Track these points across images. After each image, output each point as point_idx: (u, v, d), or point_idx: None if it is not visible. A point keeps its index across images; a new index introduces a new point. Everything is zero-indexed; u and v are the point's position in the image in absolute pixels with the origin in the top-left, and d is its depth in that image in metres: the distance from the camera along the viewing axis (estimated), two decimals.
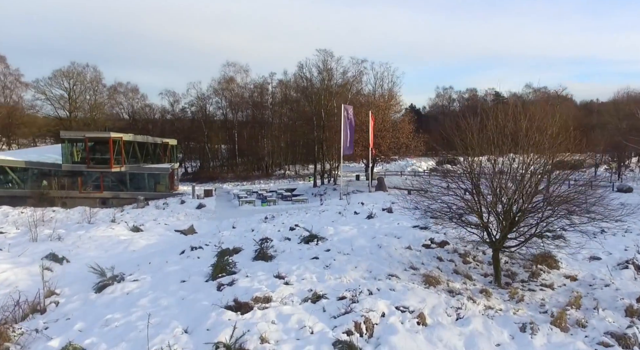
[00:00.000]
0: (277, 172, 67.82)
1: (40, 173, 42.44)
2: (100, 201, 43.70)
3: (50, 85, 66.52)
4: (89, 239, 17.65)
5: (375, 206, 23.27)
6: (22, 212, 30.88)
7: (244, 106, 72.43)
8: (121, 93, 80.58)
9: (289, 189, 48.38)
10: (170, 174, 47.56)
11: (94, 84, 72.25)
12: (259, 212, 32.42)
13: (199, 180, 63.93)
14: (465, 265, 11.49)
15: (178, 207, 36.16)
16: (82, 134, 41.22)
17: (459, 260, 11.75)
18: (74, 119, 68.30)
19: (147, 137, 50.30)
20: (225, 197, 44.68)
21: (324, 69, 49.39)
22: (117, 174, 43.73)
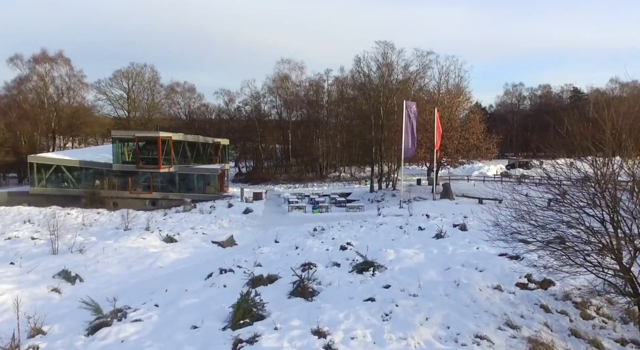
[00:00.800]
0: (331, 174, 65.41)
1: (94, 173, 42.76)
2: (149, 202, 43.36)
3: (111, 86, 68.45)
4: (114, 252, 15.91)
5: (443, 220, 19.97)
6: (69, 213, 30.59)
7: (298, 105, 70.72)
8: (178, 93, 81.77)
9: (344, 193, 45.69)
10: (220, 175, 46.47)
11: (152, 84, 73.63)
12: (308, 220, 29.98)
13: (252, 181, 62.94)
14: (587, 322, 8.18)
15: (224, 212, 34.63)
16: (132, 133, 40.98)
17: (575, 313, 8.46)
18: (132, 119, 69.80)
19: (197, 136, 49.63)
20: (275, 200, 42.79)
21: (384, 63, 46.16)
22: (166, 175, 43.16)
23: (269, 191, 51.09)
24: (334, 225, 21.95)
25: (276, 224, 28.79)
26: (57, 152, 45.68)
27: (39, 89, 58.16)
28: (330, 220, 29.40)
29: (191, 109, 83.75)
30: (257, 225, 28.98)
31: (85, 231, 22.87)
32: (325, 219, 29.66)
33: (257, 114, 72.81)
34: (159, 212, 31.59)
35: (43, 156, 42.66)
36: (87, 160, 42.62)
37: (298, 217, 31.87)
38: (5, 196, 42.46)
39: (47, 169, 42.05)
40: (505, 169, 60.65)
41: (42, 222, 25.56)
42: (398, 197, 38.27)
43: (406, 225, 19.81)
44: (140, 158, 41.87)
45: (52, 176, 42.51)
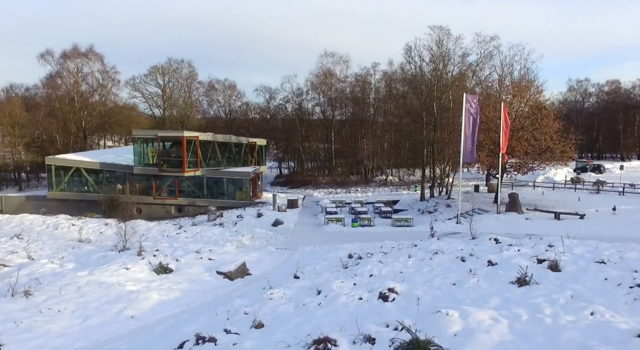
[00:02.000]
0: (377, 178, 60.58)
1: (116, 176, 40.48)
2: (175, 209, 40.59)
3: (146, 83, 67.05)
4: (75, 292, 12.31)
5: (521, 251, 14.99)
6: (73, 225, 27.80)
7: (343, 102, 66.40)
8: (218, 90, 79.72)
9: (390, 201, 40.94)
10: (253, 179, 43.02)
11: (189, 80, 71.80)
12: (346, 237, 25.63)
13: (291, 184, 59.32)
14: None
15: (251, 223, 30.93)
16: (154, 132, 38.23)
17: None
18: (167, 117, 68.18)
19: (229, 136, 46.45)
20: (312, 209, 38.70)
21: (438, 52, 40.84)
22: (193, 179, 40.18)
23: (308, 197, 47.18)
24: (374, 252, 17.47)
25: (307, 241, 24.69)
26: (78, 153, 43.86)
27: (69, 86, 57.27)
28: (371, 238, 24.91)
29: (232, 107, 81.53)
30: (285, 242, 24.97)
31: (75, 250, 19.69)
32: (366, 237, 25.20)
33: (298, 112, 69.23)
34: (173, 225, 28.27)
35: (61, 158, 40.77)
36: (108, 162, 40.33)
37: (334, 233, 27.57)
38: (23, 200, 40.96)
39: (65, 172, 40.15)
40: (574, 173, 53.60)
41: (33, 237, 22.76)
42: (454, 209, 33.14)
43: (470, 257, 15.01)
44: (163, 160, 39.05)
45: (71, 179, 40.59)
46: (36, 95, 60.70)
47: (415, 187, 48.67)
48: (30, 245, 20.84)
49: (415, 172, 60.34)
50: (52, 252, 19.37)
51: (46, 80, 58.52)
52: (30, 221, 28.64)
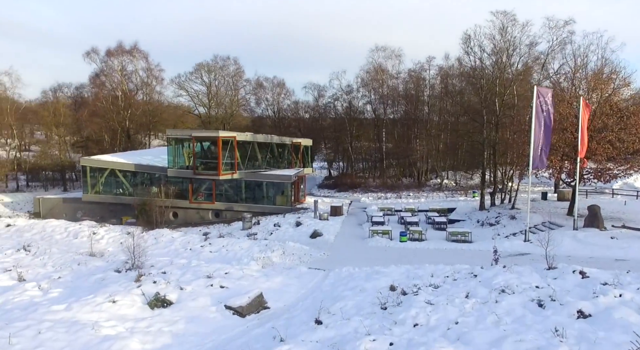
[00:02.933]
0: (431, 181, 56.28)
1: (151, 178, 39.16)
2: (213, 213, 38.74)
3: (191, 81, 66.35)
4: (33, 338, 9.97)
5: (623, 295, 11.02)
6: (95, 233, 26.16)
7: (395, 99, 62.53)
8: (266, 88, 78.17)
9: (445, 209, 36.93)
10: (295, 183, 40.41)
11: (235, 78, 70.49)
12: (392, 254, 22.30)
13: (340, 186, 56.32)
14: None
15: (287, 234, 28.28)
16: (188, 132, 36.39)
17: None
18: (213, 116, 67.20)
19: (271, 136, 44.09)
20: (357, 217, 35.46)
21: (502, 41, 36.21)
22: (230, 182, 38.12)
23: (355, 202, 44.00)
24: (422, 284, 14.09)
25: (346, 259, 21.59)
26: (114, 154, 43.03)
27: (113, 84, 57.30)
28: (422, 257, 21.41)
29: (280, 105, 79.82)
30: (320, 260, 21.99)
31: (78, 268, 17.70)
32: (416, 256, 21.73)
33: (348, 110, 66.12)
34: (199, 236, 25.93)
35: (96, 159, 39.95)
36: (143, 163, 39.04)
37: (379, 249, 24.22)
38: (59, 202, 40.56)
39: (100, 173, 39.29)
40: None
41: (42, 249, 21.10)
42: (519, 221, 28.83)
43: (551, 302, 11.43)
44: (198, 162, 37.22)
45: (107, 181, 39.71)
46: (83, 94, 61.41)
47: (473, 193, 44.18)
48: (35, 260, 19.16)
49: (473, 175, 55.50)
50: (53, 269, 17.49)
51: (92, 79, 59.03)
52: (52, 228, 27.39)
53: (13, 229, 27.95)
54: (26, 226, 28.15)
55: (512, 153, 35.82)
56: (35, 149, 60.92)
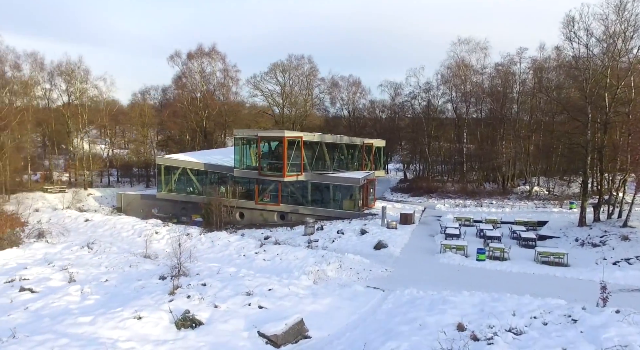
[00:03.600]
0: (518, 188, 50.95)
1: (219, 178, 38.79)
2: (278, 215, 37.50)
3: (266, 81, 66.32)
4: None
5: None
6: (157, 233, 25.78)
7: (479, 97, 57.74)
8: (341, 87, 76.57)
9: (534, 222, 32.53)
10: (364, 186, 38.03)
11: (310, 77, 69.43)
12: (465, 277, 19.22)
13: (414, 191, 52.94)
14: None
15: (349, 243, 26.05)
16: (254, 132, 35.31)
17: None
18: (286, 116, 66.68)
19: (340, 136, 42.01)
20: (430, 226, 32.28)
21: (618, 21, 30.60)
22: (296, 184, 36.62)
23: (429, 209, 40.67)
24: (500, 326, 11.22)
25: (410, 278, 18.92)
26: (187, 153, 43.30)
27: (193, 86, 58.50)
28: (502, 283, 18.12)
29: (355, 105, 77.94)
30: (381, 277, 19.49)
31: (128, 271, 17.01)
32: (494, 281, 18.47)
33: (426, 109, 62.35)
34: (255, 242, 24.30)
35: (169, 158, 40.35)
36: (212, 163, 38.73)
37: (451, 268, 21.13)
38: (138, 199, 41.52)
39: (173, 172, 39.60)
40: None
41: (102, 247, 20.84)
42: (634, 243, 24.05)
43: None
44: (263, 163, 36.08)
45: (179, 180, 39.95)
46: (167, 96, 63.67)
47: (571, 205, 38.77)
48: (93, 259, 18.93)
49: (571, 183, 49.42)
50: (105, 270, 17.13)
51: (174, 81, 60.85)
52: (122, 225, 27.62)
53: (89, 224, 28.70)
54: (100, 222, 28.77)
55: (625, 158, 30.61)
56: (127, 147, 64.27)
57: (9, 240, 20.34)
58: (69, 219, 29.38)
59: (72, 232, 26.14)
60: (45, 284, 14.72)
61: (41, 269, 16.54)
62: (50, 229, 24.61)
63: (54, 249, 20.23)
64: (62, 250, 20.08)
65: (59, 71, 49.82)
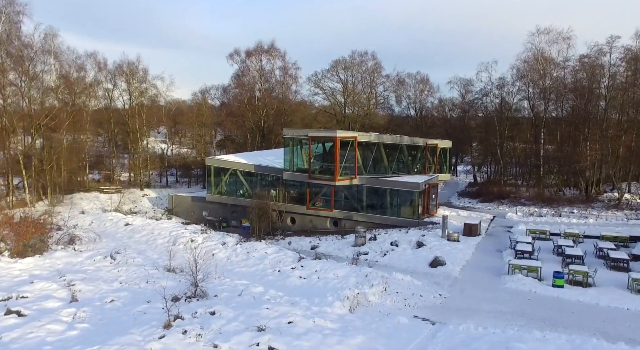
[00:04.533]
0: (605, 196, 44.96)
1: (269, 181, 37.21)
2: (331, 221, 35.32)
3: (327, 78, 64.38)
4: None
5: None
6: (193, 240, 24.40)
7: (560, 93, 51.96)
8: (407, 85, 73.14)
9: (626, 237, 27.73)
10: (426, 191, 34.86)
11: (373, 74, 66.62)
12: (537, 309, 15.87)
13: (483, 196, 48.62)
14: None
15: (402, 258, 23.30)
16: (304, 132, 33.20)
17: None
18: (348, 115, 64.32)
19: (400, 137, 38.95)
20: (498, 239, 28.54)
21: None
22: (350, 188, 34.18)
23: (498, 217, 36.58)
24: None
25: (469, 309, 15.93)
26: (237, 154, 42.16)
27: (251, 84, 57.72)
28: (585, 320, 14.66)
29: (422, 103, 74.24)
30: (433, 305, 16.63)
31: (142, 289, 15.53)
32: (576, 317, 15.00)
33: (499, 107, 57.33)
34: (291, 256, 22.01)
35: (219, 159, 39.32)
36: (262, 165, 37.20)
37: (520, 295, 17.72)
38: (188, 201, 41.03)
39: (223, 174, 38.58)
40: None
41: (127, 256, 19.66)
42: None
43: None
44: (314, 165, 33.94)
45: (229, 182, 38.87)
46: (227, 95, 63.59)
47: None
48: (112, 272, 17.72)
49: None
50: (118, 286, 15.77)
51: (233, 80, 60.54)
52: (160, 231, 26.65)
53: (129, 228, 28.10)
54: (140, 227, 28.06)
55: None
56: (188, 147, 64.98)
57: (34, 248, 19.74)
58: (110, 222, 29.06)
59: (106, 237, 25.53)
60: (39, 305, 13.60)
61: (47, 284, 15.55)
62: (83, 234, 24.08)
63: (77, 258, 19.39)
64: (84, 260, 19.22)
65: (120, 71, 50.81)
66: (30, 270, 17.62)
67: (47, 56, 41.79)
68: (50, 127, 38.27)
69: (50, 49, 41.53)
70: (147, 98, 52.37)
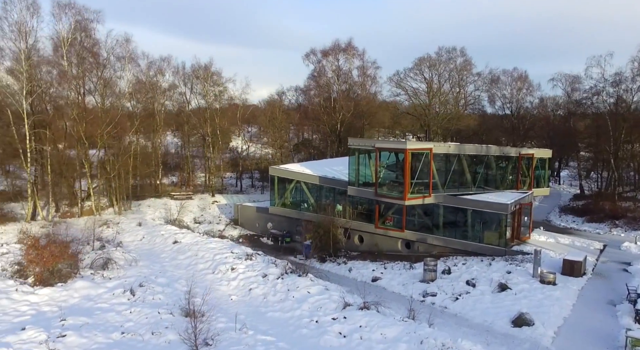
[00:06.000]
0: None
1: (335, 194, 33.77)
2: (402, 243, 31.21)
3: (410, 78, 59.49)
4: None
5: None
6: (233, 269, 21.69)
7: None
8: (503, 83, 65.77)
9: None
10: (517, 211, 29.40)
11: (462, 72, 60.44)
12: None
13: (591, 214, 41.19)
14: None
15: (477, 306, 18.88)
16: (371, 142, 29.18)
17: None
18: (432, 117, 58.94)
19: (486, 147, 33.45)
20: (609, 283, 22.51)
21: None
22: (425, 206, 29.75)
23: (610, 247, 29.76)
24: None
25: None
26: (303, 163, 39.11)
27: (326, 86, 54.60)
28: None
29: (520, 103, 66.39)
30: None
31: (144, 346, 12.88)
32: None
33: (614, 107, 48.72)
34: (337, 298, 18.18)
35: (282, 168, 36.48)
36: (328, 176, 33.83)
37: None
38: (253, 212, 38.91)
39: (288, 184, 35.84)
40: None
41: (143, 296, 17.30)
42: None
43: None
44: (381, 180, 29.80)
45: (293, 194, 36.07)
46: (302, 97, 61.25)
47: None
48: (121, 314, 15.52)
49: None
50: (115, 339, 13.37)
51: (308, 82, 57.95)
52: (204, 253, 24.30)
53: (175, 247, 26.32)
54: (186, 246, 26.04)
55: None
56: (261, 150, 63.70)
57: (60, 274, 18.22)
58: (160, 238, 27.50)
59: (146, 259, 23.69)
60: None
61: (36, 333, 13.60)
62: (121, 256, 22.42)
63: (97, 289, 17.47)
64: (102, 294, 17.31)
65: (197, 74, 50.39)
66: (40, 306, 16.11)
67: (122, 62, 42.21)
68: (118, 133, 38.25)
69: (124, 54, 41.89)
70: (221, 100, 51.44)
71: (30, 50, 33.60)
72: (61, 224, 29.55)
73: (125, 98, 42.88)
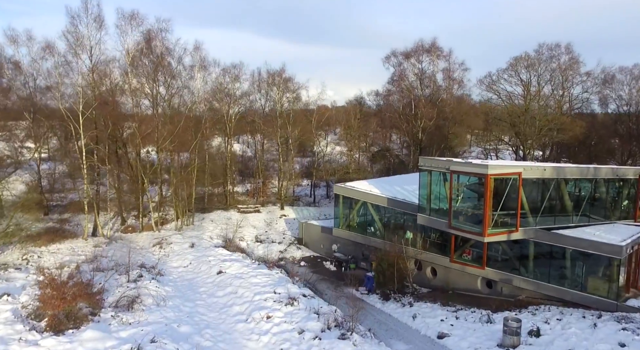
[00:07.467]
0: None
1: (405, 219, 29.70)
2: (482, 281, 26.55)
3: (504, 80, 53.01)
4: None
5: None
6: (269, 317, 18.72)
7: None
8: (618, 82, 56.88)
9: None
10: (634, 254, 23.42)
11: (568, 72, 52.68)
12: None
13: None
14: None
15: None
16: (445, 164, 24.62)
17: None
18: (530, 123, 51.92)
19: (593, 169, 27.25)
20: None
21: None
22: (511, 243, 24.79)
23: None
24: None
25: None
26: (373, 180, 35.12)
27: (406, 90, 50.09)
28: None
29: None
30: None
31: None
32: None
33: None
34: None
35: (348, 187, 32.86)
36: (398, 198, 29.79)
37: None
38: (318, 231, 35.92)
39: (354, 204, 32.36)
40: None
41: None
42: None
43: None
44: (455, 209, 25.07)
45: (360, 215, 32.54)
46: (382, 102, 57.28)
47: None
48: None
49: None
50: None
51: (387, 86, 53.88)
52: (244, 290, 21.41)
53: (218, 279, 23.79)
54: (228, 279, 23.26)
55: None
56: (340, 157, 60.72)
57: (75, 317, 16.50)
58: (206, 265, 25.40)
59: (180, 296, 21.29)
60: None
61: None
62: (154, 291, 20.46)
63: (105, 343, 15.21)
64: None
65: (271, 80, 48.70)
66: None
67: (193, 70, 41.59)
68: (181, 142, 37.43)
69: (194, 63, 41.23)
70: (295, 105, 49.28)
71: (95, 65, 33.75)
72: (117, 242, 28.95)
73: (197, 105, 42.32)
